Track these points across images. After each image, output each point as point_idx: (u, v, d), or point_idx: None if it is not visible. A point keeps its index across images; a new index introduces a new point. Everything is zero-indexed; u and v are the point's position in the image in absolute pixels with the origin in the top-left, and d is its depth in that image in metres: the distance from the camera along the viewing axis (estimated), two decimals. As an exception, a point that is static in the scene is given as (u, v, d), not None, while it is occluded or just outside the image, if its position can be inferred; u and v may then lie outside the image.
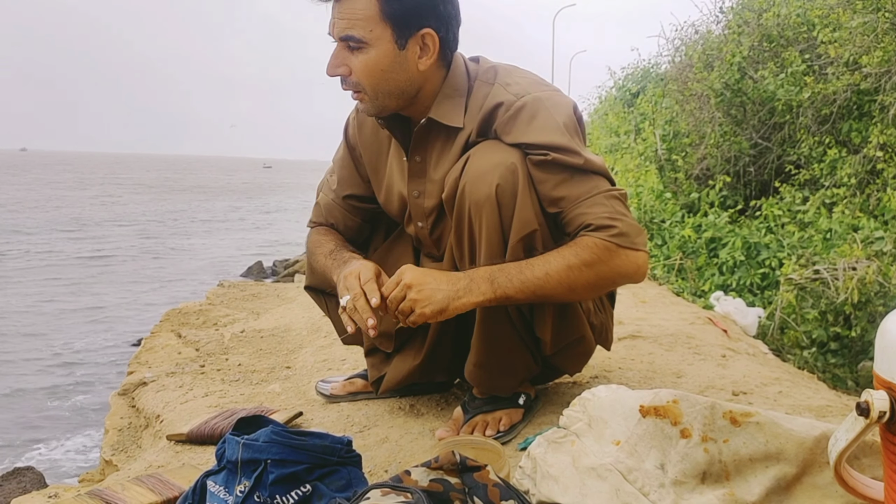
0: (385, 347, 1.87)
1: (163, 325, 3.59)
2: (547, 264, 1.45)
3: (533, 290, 1.46)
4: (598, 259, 1.45)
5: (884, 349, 0.81)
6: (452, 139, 1.61)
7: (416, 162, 1.68)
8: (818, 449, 1.04)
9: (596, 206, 1.48)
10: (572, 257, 1.45)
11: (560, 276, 1.45)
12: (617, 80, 13.62)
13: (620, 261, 1.47)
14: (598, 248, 1.45)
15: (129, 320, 9.84)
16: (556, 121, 1.52)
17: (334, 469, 1.28)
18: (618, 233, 1.46)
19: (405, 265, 1.48)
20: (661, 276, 5.36)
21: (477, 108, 1.58)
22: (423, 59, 1.55)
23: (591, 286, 1.50)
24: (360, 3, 1.47)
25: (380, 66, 1.51)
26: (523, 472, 1.23)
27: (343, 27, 1.48)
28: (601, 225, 1.46)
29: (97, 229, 20.57)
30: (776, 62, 6.36)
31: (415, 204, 1.72)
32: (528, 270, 1.45)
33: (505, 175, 1.48)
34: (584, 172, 1.51)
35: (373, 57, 1.50)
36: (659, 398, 1.11)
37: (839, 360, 3.88)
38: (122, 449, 2.25)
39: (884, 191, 4.96)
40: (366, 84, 1.54)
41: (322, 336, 2.94)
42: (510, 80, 1.60)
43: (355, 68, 1.52)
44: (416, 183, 1.70)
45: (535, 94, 1.55)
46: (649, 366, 2.25)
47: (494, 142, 1.55)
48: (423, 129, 1.63)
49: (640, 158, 7.60)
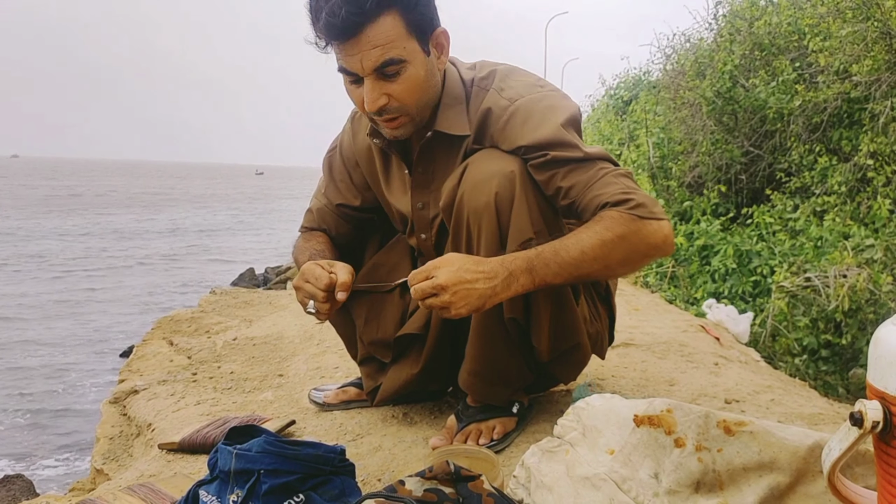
0: (383, 357, 1.86)
1: (154, 333, 3.58)
2: (580, 242, 1.41)
3: (571, 273, 1.42)
4: (629, 230, 1.41)
5: (877, 359, 0.81)
6: (456, 147, 1.61)
7: (419, 174, 1.67)
8: (811, 458, 1.04)
9: (608, 186, 1.46)
10: (605, 231, 1.41)
11: (595, 253, 1.40)
12: (609, 88, 13.68)
13: (647, 231, 1.43)
14: (624, 221, 1.42)
15: (120, 328, 9.80)
16: (550, 120, 1.51)
17: (328, 479, 1.27)
18: (636, 204, 1.43)
19: (439, 258, 1.40)
20: (653, 284, 5.38)
21: (475, 115, 1.58)
22: (442, 57, 1.55)
23: (625, 261, 1.46)
24: (386, 25, 1.41)
25: (420, 79, 1.49)
26: (517, 481, 1.23)
27: (379, 55, 1.41)
28: (618, 200, 1.44)
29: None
30: (767, 70, 6.40)
31: (419, 216, 1.71)
32: (563, 252, 1.41)
33: (503, 183, 1.48)
34: (588, 160, 1.49)
35: (412, 73, 1.47)
36: (653, 407, 1.11)
37: (830, 367, 3.90)
38: (114, 458, 2.23)
39: (874, 199, 5.00)
40: (411, 103, 1.50)
41: (315, 344, 2.93)
42: (505, 84, 1.58)
43: (397, 93, 1.47)
44: (420, 194, 1.69)
45: (529, 96, 1.54)
46: (642, 374, 2.26)
47: (492, 150, 1.55)
48: (429, 143, 1.62)
49: (632, 166, 7.62)
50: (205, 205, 39.84)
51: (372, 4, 1.37)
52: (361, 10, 1.37)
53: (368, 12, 1.38)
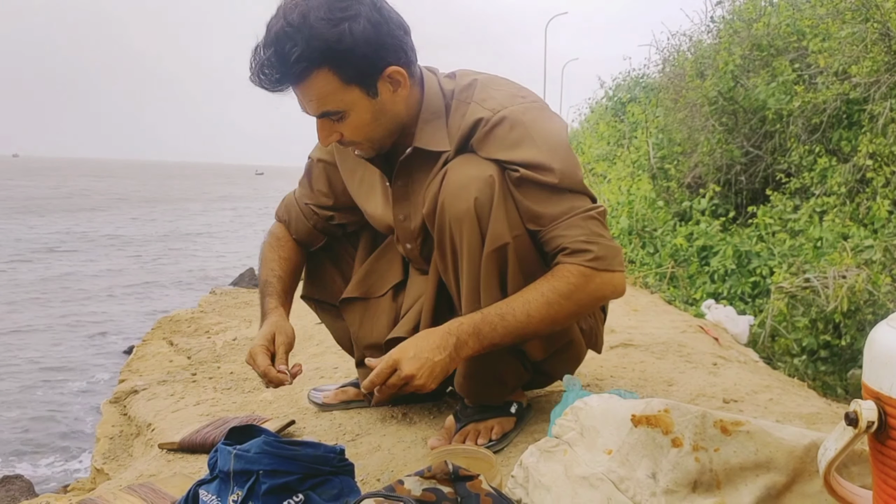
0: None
1: (154, 333, 3.59)
2: (527, 304, 1.47)
3: (517, 335, 1.50)
4: (576, 288, 1.47)
5: (872, 360, 0.81)
6: (434, 160, 1.60)
7: (399, 187, 1.67)
8: (808, 458, 1.04)
9: (572, 229, 1.49)
10: (550, 293, 1.47)
11: (541, 315, 1.47)
12: (607, 89, 13.69)
13: (597, 285, 1.49)
14: (574, 277, 1.47)
15: (120, 328, 9.80)
16: (531, 135, 1.51)
17: (327, 479, 1.28)
18: (593, 257, 1.47)
19: (393, 351, 1.46)
20: (652, 285, 5.38)
21: (456, 129, 1.57)
22: (399, 91, 1.53)
23: (572, 315, 1.54)
24: (318, 82, 1.43)
25: (365, 121, 1.51)
26: (515, 481, 1.24)
27: (316, 107, 1.48)
28: (577, 249, 1.47)
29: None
30: (767, 71, 6.41)
31: (402, 227, 1.72)
32: (510, 316, 1.47)
33: (482, 188, 1.48)
34: (560, 191, 1.50)
35: (355, 118, 1.50)
36: (650, 407, 1.12)
37: (829, 367, 3.90)
38: (114, 457, 2.24)
39: (873, 199, 5.00)
40: (361, 139, 1.55)
41: (314, 344, 2.94)
42: (486, 94, 1.57)
43: (346, 132, 1.52)
44: (401, 207, 1.69)
45: (511, 107, 1.53)
46: (641, 374, 2.26)
47: (470, 155, 1.54)
48: (408, 158, 1.62)
49: (632, 167, 7.63)
50: (204, 204, 39.84)
51: (298, 69, 1.40)
52: (290, 72, 1.41)
53: (297, 75, 1.42)
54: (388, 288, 1.88)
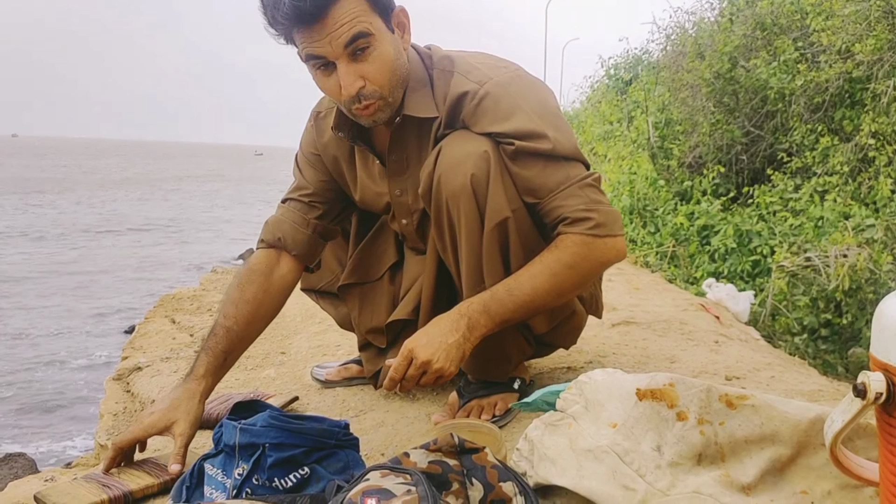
0: (379, 343, 1.87)
1: (157, 311, 3.59)
2: (534, 278, 1.47)
3: (527, 309, 1.50)
4: (580, 257, 1.47)
5: (880, 331, 0.81)
6: (426, 131, 1.59)
7: (393, 161, 1.65)
8: (813, 431, 1.05)
9: (570, 198, 1.48)
10: (555, 264, 1.47)
11: (548, 287, 1.48)
12: (608, 68, 13.60)
13: (601, 252, 1.49)
14: (577, 247, 1.47)
15: (121, 305, 9.82)
16: (520, 104, 1.51)
17: (332, 452, 1.29)
18: (595, 224, 1.47)
19: (408, 341, 1.46)
20: (653, 264, 5.38)
21: (442, 98, 1.56)
22: (406, 36, 1.54)
23: (578, 285, 1.54)
24: (349, 3, 1.39)
25: (389, 56, 1.46)
26: (520, 454, 1.24)
27: (347, 31, 1.39)
28: (577, 218, 1.47)
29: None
30: (769, 50, 6.37)
31: (398, 203, 1.71)
32: (517, 291, 1.47)
33: (478, 163, 1.48)
34: (556, 159, 1.50)
35: (382, 50, 1.44)
36: (655, 381, 1.12)
37: (829, 346, 3.92)
38: (117, 433, 2.24)
39: (875, 179, 4.99)
40: (384, 83, 1.47)
41: (316, 322, 2.94)
42: (468, 66, 1.56)
43: (371, 74, 1.44)
44: (397, 182, 1.68)
45: (496, 79, 1.52)
46: (643, 351, 2.27)
47: (464, 131, 1.53)
48: (399, 128, 1.60)
49: (632, 146, 7.61)
50: (203, 185, 39.77)
51: None
52: None
53: None
54: (384, 270, 1.88)
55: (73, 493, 1.36)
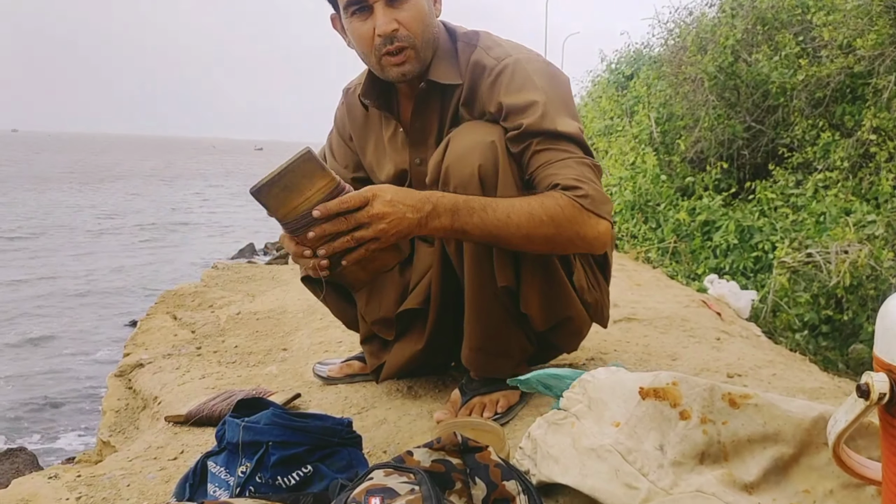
0: (386, 335, 1.86)
1: (158, 307, 3.59)
2: (511, 207, 1.43)
3: (490, 231, 1.43)
4: (562, 215, 1.44)
5: (884, 332, 0.81)
6: (449, 98, 1.65)
7: (416, 129, 1.71)
8: (815, 430, 1.05)
9: (565, 169, 1.49)
10: (537, 206, 1.44)
11: (520, 222, 1.42)
12: (609, 63, 13.56)
13: (582, 223, 1.46)
14: (563, 203, 1.45)
15: (122, 302, 9.83)
16: (535, 81, 1.55)
17: (335, 450, 1.29)
18: (584, 194, 1.46)
19: (372, 187, 1.37)
20: (655, 260, 5.38)
21: (464, 68, 1.62)
22: (437, 4, 1.62)
23: (548, 240, 1.47)
24: None
25: (423, 10, 1.55)
26: (524, 452, 1.25)
27: None
28: (568, 185, 1.47)
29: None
30: (770, 45, 6.35)
31: (417, 172, 1.73)
32: (490, 209, 1.42)
33: (486, 154, 1.50)
34: (559, 138, 1.52)
35: (417, 3, 1.53)
36: (658, 380, 1.12)
37: (830, 342, 3.92)
38: (120, 430, 2.25)
39: (876, 174, 4.99)
40: (417, 32, 1.55)
41: (318, 318, 2.94)
42: (491, 43, 1.64)
43: (406, 20, 1.52)
44: (417, 150, 1.72)
45: (517, 55, 1.59)
46: (645, 348, 2.27)
47: (474, 122, 1.58)
48: (423, 94, 1.65)
49: (633, 141, 7.60)
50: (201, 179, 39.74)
51: None
52: None
53: None
54: (395, 263, 1.87)
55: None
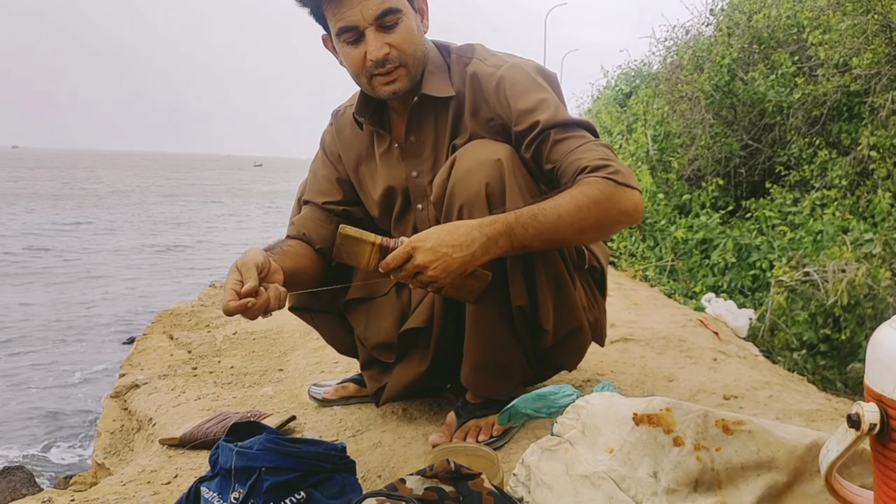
0: (387, 358, 1.85)
1: (155, 327, 3.58)
2: (558, 207, 1.45)
3: (548, 237, 1.46)
4: (603, 196, 1.47)
5: (875, 362, 0.81)
6: (443, 111, 1.67)
7: (411, 142, 1.72)
8: (809, 457, 1.05)
9: (588, 152, 1.53)
10: (580, 196, 1.46)
11: (571, 217, 1.45)
12: (609, 79, 13.63)
13: (620, 197, 1.49)
14: (600, 184, 1.47)
15: (120, 320, 9.81)
16: (537, 81, 1.62)
17: (328, 476, 1.28)
18: (614, 171, 1.49)
19: (414, 237, 1.42)
20: (652, 278, 5.38)
21: (460, 80, 1.66)
22: (425, 21, 1.66)
23: (598, 225, 1.50)
24: None
25: (413, 31, 1.58)
26: (517, 479, 1.24)
27: (378, 4, 1.51)
28: (597, 166, 1.50)
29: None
30: (766, 64, 6.39)
31: (414, 185, 1.74)
32: (541, 216, 1.44)
33: (492, 172, 1.51)
34: (573, 126, 1.57)
35: (407, 24, 1.56)
36: (652, 406, 1.12)
37: (829, 361, 3.91)
38: (115, 452, 2.24)
39: (874, 192, 4.99)
40: (407, 51, 1.58)
41: (315, 338, 2.93)
42: (486, 54, 1.69)
43: (397, 42, 1.55)
44: (413, 163, 1.73)
45: (512, 62, 1.65)
46: (641, 369, 2.26)
47: (479, 140, 1.60)
48: (417, 108, 1.68)
49: (631, 159, 7.62)
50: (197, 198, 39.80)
51: None
52: None
53: None
54: (391, 286, 1.87)
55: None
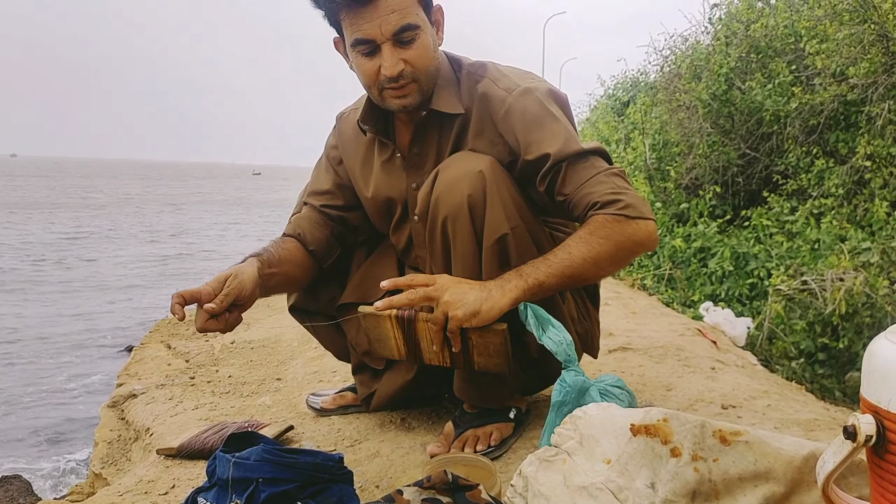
0: (376, 365, 1.87)
1: (153, 336, 3.58)
2: (567, 247, 1.48)
3: (562, 272, 1.47)
4: (613, 230, 1.48)
5: (870, 373, 0.82)
6: (448, 127, 1.67)
7: (414, 154, 1.72)
8: (806, 468, 1.05)
9: (599, 185, 1.53)
10: (587, 235, 1.48)
11: (584, 254, 1.47)
12: (607, 88, 13.67)
13: (632, 229, 1.50)
14: (609, 222, 1.48)
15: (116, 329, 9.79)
16: (549, 110, 1.59)
17: (326, 486, 1.28)
18: (624, 205, 1.49)
19: (437, 275, 1.50)
20: (651, 287, 5.38)
21: (469, 98, 1.64)
22: (440, 33, 1.63)
23: (613, 258, 1.51)
24: None
25: (429, 47, 1.56)
26: (515, 490, 1.24)
27: (398, 19, 1.49)
28: (607, 201, 1.50)
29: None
30: (764, 73, 6.41)
31: (413, 196, 1.74)
32: (552, 256, 1.48)
33: (474, 183, 1.52)
34: (585, 156, 1.56)
35: (423, 40, 1.55)
36: (649, 417, 1.12)
37: (827, 370, 3.91)
38: (112, 462, 2.24)
39: (871, 201, 5.01)
40: (423, 69, 1.56)
41: (313, 347, 2.93)
42: (498, 74, 1.66)
43: (413, 58, 1.54)
44: (414, 175, 1.73)
45: (524, 85, 1.62)
46: (639, 378, 2.26)
47: (463, 153, 1.61)
48: (423, 121, 1.67)
49: (629, 168, 7.63)
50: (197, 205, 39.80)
51: None
52: None
53: None
54: (383, 292, 1.87)
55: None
